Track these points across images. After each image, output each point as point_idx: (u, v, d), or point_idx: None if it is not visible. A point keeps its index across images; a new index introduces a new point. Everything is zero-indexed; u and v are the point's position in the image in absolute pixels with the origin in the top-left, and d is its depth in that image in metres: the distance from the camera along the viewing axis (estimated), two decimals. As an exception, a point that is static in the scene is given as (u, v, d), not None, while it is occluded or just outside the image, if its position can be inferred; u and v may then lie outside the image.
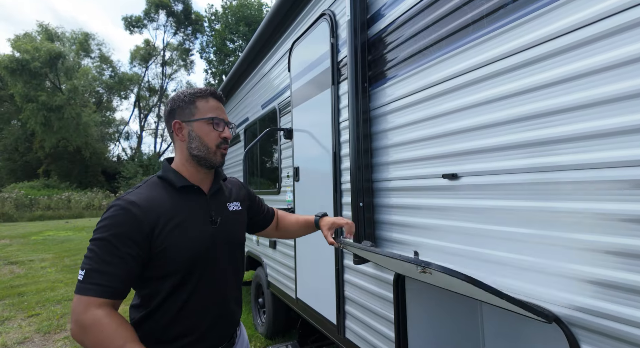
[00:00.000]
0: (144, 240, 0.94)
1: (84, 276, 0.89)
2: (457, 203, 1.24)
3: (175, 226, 0.99)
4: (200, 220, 1.06)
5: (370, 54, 1.74)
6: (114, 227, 0.92)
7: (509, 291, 1.05)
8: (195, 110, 1.06)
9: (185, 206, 1.04)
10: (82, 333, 0.86)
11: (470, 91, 1.19)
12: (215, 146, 1.07)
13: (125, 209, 0.94)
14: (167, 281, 0.99)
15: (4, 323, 4.06)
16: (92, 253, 0.91)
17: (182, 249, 0.99)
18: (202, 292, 1.04)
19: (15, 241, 10.22)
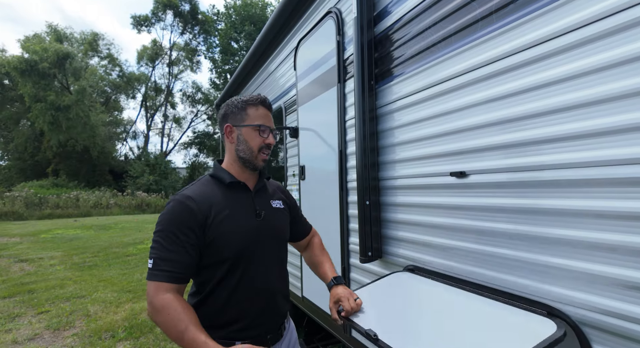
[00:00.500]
0: (199, 229, 1.05)
1: (153, 264, 1.01)
2: (465, 201, 1.23)
3: (224, 217, 1.10)
4: (246, 214, 1.16)
5: (377, 51, 1.73)
6: (173, 219, 1.04)
7: (517, 290, 1.04)
8: (246, 116, 1.17)
9: (233, 200, 1.15)
10: (154, 314, 0.98)
11: (479, 88, 1.18)
12: (258, 150, 1.17)
13: (182, 203, 1.06)
14: (217, 269, 1.09)
15: (15, 319, 4.13)
16: (157, 244, 1.03)
17: (230, 238, 1.09)
18: (249, 282, 1.12)
19: (25, 239, 10.38)
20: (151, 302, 0.99)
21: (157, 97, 31.09)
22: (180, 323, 0.95)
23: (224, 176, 1.17)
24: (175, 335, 0.96)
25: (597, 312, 0.86)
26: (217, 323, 1.09)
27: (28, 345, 3.43)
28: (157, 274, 1.00)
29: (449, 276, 1.29)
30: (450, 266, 1.29)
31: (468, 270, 1.21)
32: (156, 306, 0.98)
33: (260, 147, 1.16)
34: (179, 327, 0.95)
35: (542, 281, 0.98)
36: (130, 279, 5.83)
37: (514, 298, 1.05)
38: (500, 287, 1.10)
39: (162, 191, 22.27)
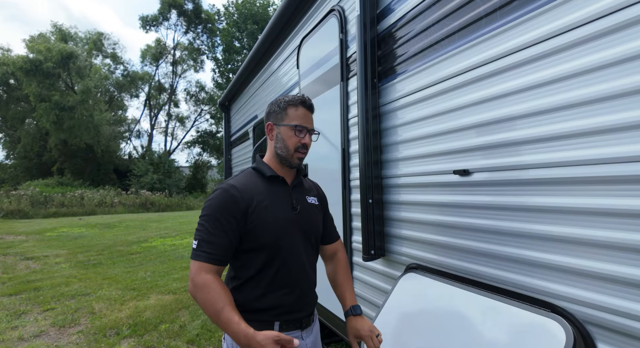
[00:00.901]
0: (242, 216, 1.12)
1: (197, 245, 1.10)
2: (468, 199, 1.22)
3: (264, 207, 1.16)
4: (284, 205, 1.22)
5: (380, 49, 1.72)
6: (218, 205, 1.12)
7: (521, 288, 1.04)
8: (285, 116, 1.22)
9: (272, 192, 1.22)
10: (195, 290, 1.07)
11: (482, 86, 1.17)
12: (294, 150, 1.21)
13: (227, 191, 1.14)
14: (255, 256, 1.16)
15: (21, 316, 4.17)
16: (202, 227, 1.11)
17: (268, 226, 1.15)
18: (286, 271, 1.18)
19: (31, 237, 10.48)
20: (193, 279, 1.07)
21: (160, 96, 31.21)
22: (218, 302, 1.04)
23: (264, 169, 1.24)
24: (212, 312, 1.04)
25: (601, 310, 0.85)
26: (255, 308, 1.14)
27: (34, 341, 3.46)
28: (200, 255, 1.08)
29: (452, 275, 1.29)
30: (453, 265, 1.29)
31: (472, 268, 1.21)
32: (198, 284, 1.06)
33: (296, 146, 1.21)
34: (217, 306, 1.03)
35: (546, 280, 0.98)
36: (135, 277, 5.87)
37: (518, 297, 1.04)
38: (505, 286, 1.10)
39: (166, 190, 22.38)
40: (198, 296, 1.07)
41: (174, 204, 20.38)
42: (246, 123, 4.50)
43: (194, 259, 1.10)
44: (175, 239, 9.75)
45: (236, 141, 5.10)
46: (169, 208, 19.99)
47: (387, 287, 1.66)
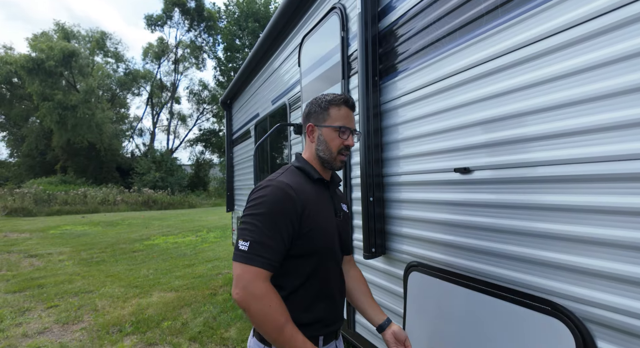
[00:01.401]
0: (297, 219, 1.03)
1: (249, 247, 0.97)
2: (469, 198, 1.22)
3: (316, 211, 1.09)
4: (330, 211, 1.17)
5: (381, 47, 1.72)
6: (274, 204, 1.01)
7: (521, 286, 1.04)
8: (327, 117, 1.16)
9: (320, 196, 1.15)
10: (251, 301, 0.94)
11: (483, 84, 1.17)
12: (337, 152, 1.16)
13: (283, 190, 1.03)
14: (304, 262, 1.07)
15: (25, 313, 4.21)
16: (254, 227, 0.99)
17: (320, 233, 1.08)
18: (333, 280, 1.13)
19: (34, 235, 10.55)
20: (247, 287, 0.94)
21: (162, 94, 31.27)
22: (281, 317, 0.95)
23: (311, 171, 1.16)
24: (272, 327, 0.94)
25: (601, 308, 0.85)
26: (300, 323, 1.03)
27: (38, 338, 3.49)
28: (255, 259, 0.96)
29: (453, 273, 1.29)
30: (454, 263, 1.29)
31: (472, 266, 1.21)
32: (255, 293, 0.94)
33: (339, 149, 1.16)
34: (279, 321, 0.94)
35: (546, 278, 0.98)
36: (137, 275, 5.91)
37: (518, 295, 1.05)
38: (505, 284, 1.10)
39: (168, 188, 22.45)
40: (255, 307, 0.94)
41: (177, 203, 20.45)
42: (248, 121, 4.50)
43: (248, 263, 0.96)
44: (178, 237, 9.78)
45: (238, 140, 5.10)
46: (172, 206, 20.06)
47: (387, 285, 1.66)
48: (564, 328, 0.92)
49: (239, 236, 1.01)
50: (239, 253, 0.98)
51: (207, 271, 6.04)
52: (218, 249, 7.96)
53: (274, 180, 1.07)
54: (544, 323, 0.97)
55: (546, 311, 0.96)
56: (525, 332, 1.02)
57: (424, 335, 1.42)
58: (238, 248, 0.99)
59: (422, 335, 1.43)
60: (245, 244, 0.98)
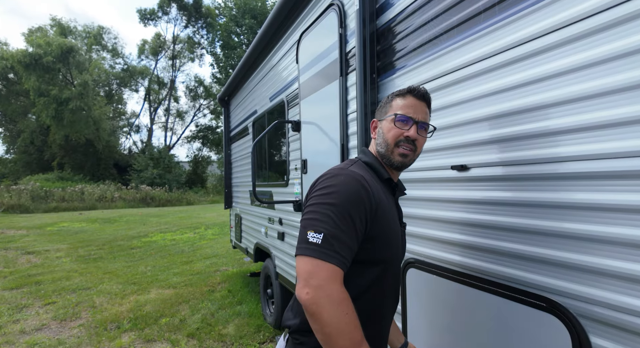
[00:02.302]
0: (370, 217, 0.89)
1: (323, 241, 0.81)
2: (466, 195, 1.23)
3: (385, 215, 0.94)
4: (396, 218, 1.02)
5: (379, 44, 1.72)
6: (350, 196, 0.86)
7: (518, 283, 1.05)
8: (389, 108, 1.04)
9: (386, 198, 0.99)
10: (326, 304, 0.77)
11: (480, 81, 1.17)
12: (394, 144, 1.00)
13: (358, 181, 0.89)
14: (366, 271, 0.92)
15: (22, 310, 4.20)
16: (327, 217, 0.83)
17: (390, 238, 0.95)
18: (390, 295, 0.99)
19: (31, 231, 10.51)
20: (323, 288, 0.77)
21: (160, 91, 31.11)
22: (357, 331, 0.79)
23: (381, 169, 1.02)
24: (347, 342, 0.77)
25: (595, 304, 0.86)
26: None
27: (35, 335, 3.50)
28: (331, 255, 0.80)
29: (450, 270, 1.30)
30: (450, 260, 1.30)
31: (469, 263, 1.22)
32: (334, 297, 0.77)
33: (397, 140, 0.99)
34: (356, 335, 0.78)
35: (542, 275, 0.98)
36: (135, 271, 5.91)
37: (514, 292, 1.05)
38: (501, 281, 1.10)
39: (166, 185, 22.41)
40: (330, 313, 0.76)
41: (174, 199, 20.43)
42: (246, 118, 4.49)
43: (322, 259, 0.79)
44: (176, 234, 9.78)
45: (236, 136, 5.09)
46: (169, 203, 20.04)
47: (384, 282, 1.67)
48: (560, 324, 0.93)
49: (306, 226, 0.84)
50: (310, 247, 0.81)
51: (205, 268, 6.05)
52: (216, 246, 7.97)
53: (345, 169, 0.93)
54: (540, 319, 0.98)
55: (542, 307, 0.97)
56: (522, 327, 1.03)
57: (425, 331, 1.43)
58: (307, 241, 0.82)
59: (423, 331, 1.44)
60: (317, 236, 0.81)
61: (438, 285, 1.34)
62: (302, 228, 0.86)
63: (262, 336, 3.35)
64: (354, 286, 0.88)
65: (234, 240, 5.31)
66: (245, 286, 4.93)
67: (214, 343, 3.26)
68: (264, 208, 3.72)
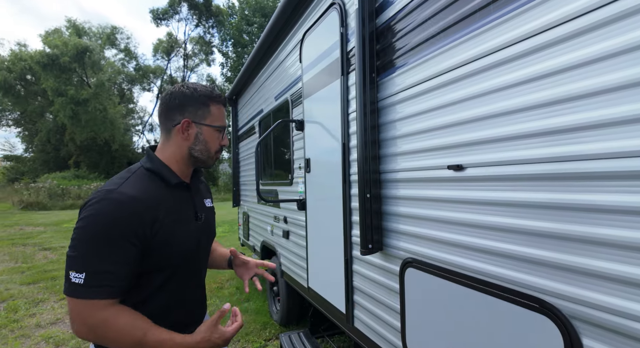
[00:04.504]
0: (145, 234, 0.94)
1: (86, 280, 0.87)
2: (462, 195, 1.22)
3: (171, 221, 1.01)
4: (189, 217, 1.10)
5: (379, 43, 1.71)
6: (114, 223, 0.90)
7: (511, 284, 1.04)
8: (208, 114, 1.07)
9: (177, 202, 1.06)
10: (93, 334, 0.89)
11: (477, 79, 1.16)
12: (215, 152, 1.12)
13: (124, 204, 0.92)
14: (157, 275, 1.01)
15: (38, 304, 4.35)
16: (87, 254, 0.88)
17: (176, 244, 1.02)
18: (186, 285, 1.11)
19: (48, 228, 10.83)
20: (86, 323, 0.88)
21: (172, 90, 31.45)
22: (136, 332, 0.90)
23: (168, 176, 1.05)
24: (130, 343, 0.90)
25: (587, 306, 0.85)
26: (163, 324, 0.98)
27: (50, 328, 3.62)
28: (94, 291, 0.87)
29: (445, 269, 1.29)
30: (445, 259, 1.29)
31: (463, 263, 1.21)
32: (95, 325, 0.88)
33: (217, 149, 1.12)
34: (136, 336, 0.90)
35: (534, 275, 0.98)
36: (146, 268, 6.03)
37: (507, 292, 1.05)
38: (495, 281, 1.10)
39: (178, 183, 22.67)
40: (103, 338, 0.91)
41: (186, 197, 20.68)
42: (253, 117, 4.53)
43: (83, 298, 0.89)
44: (187, 231, 9.93)
45: (243, 135, 5.14)
46: (181, 200, 20.30)
47: (384, 281, 1.67)
48: (552, 325, 0.92)
49: (69, 265, 0.89)
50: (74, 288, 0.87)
51: (214, 265, 6.14)
52: (226, 244, 8.06)
53: (113, 192, 0.93)
54: (533, 320, 0.97)
55: (534, 308, 0.96)
56: (515, 328, 1.03)
57: (422, 330, 1.43)
58: (70, 281, 0.88)
59: (420, 330, 1.44)
60: (79, 276, 0.87)
61: (435, 285, 1.34)
62: (66, 266, 0.91)
63: (267, 333, 3.39)
64: (144, 291, 1.00)
65: (242, 237, 5.38)
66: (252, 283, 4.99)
67: (220, 339, 3.32)
68: (269, 207, 3.76)
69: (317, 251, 2.52)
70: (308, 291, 2.64)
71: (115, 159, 26.86)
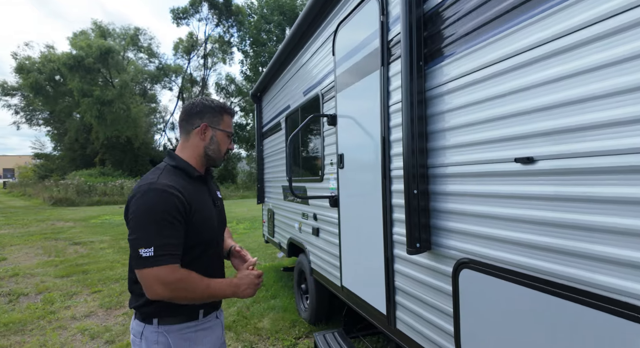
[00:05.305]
0: (186, 214, 1.19)
1: (155, 252, 1.10)
2: (532, 190, 1.11)
3: (198, 207, 1.25)
4: (209, 203, 1.35)
5: (427, 30, 1.62)
6: (165, 206, 1.14)
7: (595, 287, 0.93)
8: (222, 122, 1.36)
9: (200, 191, 1.32)
10: (172, 292, 1.12)
11: (550, 64, 1.05)
12: (224, 153, 1.39)
13: (167, 192, 1.16)
14: (192, 250, 1.24)
15: (72, 297, 4.47)
16: (152, 232, 1.11)
17: (205, 223, 1.27)
18: (212, 257, 1.34)
19: (78, 224, 11.22)
20: (169, 282, 1.11)
21: (192, 89, 32.08)
22: (204, 281, 1.18)
23: (190, 170, 1.30)
24: (201, 293, 1.17)
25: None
26: None
27: (85, 321, 3.70)
28: (164, 259, 1.11)
29: (513, 271, 1.19)
30: (513, 261, 1.19)
31: (536, 264, 1.11)
32: (176, 282, 1.12)
33: (226, 151, 1.39)
34: (203, 284, 1.17)
35: (628, 279, 0.87)
36: (172, 263, 6.13)
37: (593, 298, 0.94)
38: (574, 284, 1.00)
39: (199, 180, 23.07)
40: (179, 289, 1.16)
41: (207, 194, 21.02)
42: (278, 114, 4.49)
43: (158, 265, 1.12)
44: (209, 227, 10.07)
45: (268, 132, 5.11)
46: (202, 197, 20.64)
47: (433, 282, 1.58)
48: None
49: (135, 246, 1.12)
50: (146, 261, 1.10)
51: (238, 261, 6.17)
52: (248, 240, 8.11)
53: (154, 184, 1.17)
54: (630, 331, 0.87)
55: (632, 317, 0.86)
56: (607, 340, 0.92)
57: (481, 336, 1.34)
58: (141, 256, 1.10)
59: (478, 336, 1.35)
60: (148, 250, 1.10)
61: (498, 288, 1.24)
62: (132, 249, 1.13)
63: (297, 331, 3.35)
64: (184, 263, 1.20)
65: (267, 234, 5.36)
66: (279, 280, 4.97)
67: (250, 336, 3.30)
68: (297, 204, 3.71)
69: (351, 249, 2.45)
70: (342, 290, 2.58)
71: (138, 157, 27.59)
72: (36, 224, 11.05)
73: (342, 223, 2.58)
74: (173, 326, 1.22)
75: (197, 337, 1.27)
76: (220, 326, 1.42)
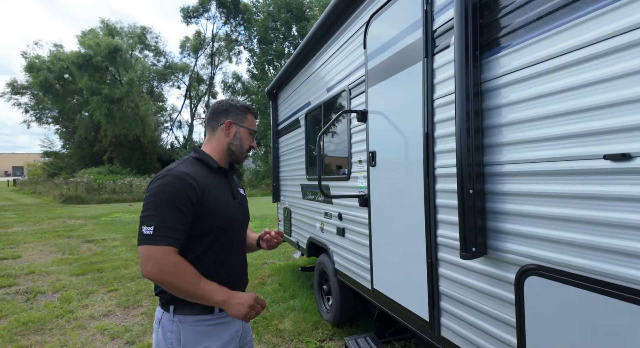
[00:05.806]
0: (197, 202, 1.23)
1: (154, 231, 1.13)
2: (624, 191, 1.00)
3: (214, 195, 1.29)
4: (227, 194, 1.40)
5: (483, 17, 1.50)
6: (174, 191, 1.18)
7: None
8: (245, 120, 1.44)
9: (218, 182, 1.37)
10: (165, 271, 1.11)
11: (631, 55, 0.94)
12: (246, 150, 1.45)
13: (181, 178, 1.21)
14: (204, 238, 1.27)
15: (89, 296, 4.43)
16: (157, 212, 1.15)
17: (217, 213, 1.29)
18: (227, 250, 1.34)
19: (89, 221, 11.24)
20: (160, 262, 1.11)
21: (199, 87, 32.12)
22: (195, 276, 1.16)
23: (211, 162, 1.37)
24: (189, 285, 1.14)
25: None
26: None
27: (104, 320, 3.65)
28: (163, 239, 1.13)
29: (592, 279, 1.08)
30: (594, 267, 1.08)
31: (621, 271, 1.00)
32: (167, 264, 1.12)
33: (248, 148, 1.45)
34: (194, 278, 1.15)
35: None
36: (186, 262, 6.07)
37: None
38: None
39: (206, 178, 23.13)
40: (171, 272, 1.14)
41: (214, 192, 21.02)
42: (297, 111, 4.39)
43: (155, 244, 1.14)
44: (219, 226, 10.02)
45: (284, 130, 5.02)
46: (210, 195, 20.64)
47: (491, 289, 1.47)
48: None
49: (141, 222, 1.16)
50: (144, 238, 1.12)
51: (252, 260, 6.09)
52: (260, 239, 8.03)
53: (173, 170, 1.23)
54: None
55: None
56: None
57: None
58: (142, 233, 1.13)
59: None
60: (148, 229, 1.13)
61: (575, 297, 1.13)
62: (139, 225, 1.17)
63: (321, 333, 3.26)
64: (194, 251, 1.25)
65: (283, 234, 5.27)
66: (296, 280, 4.88)
67: (272, 338, 3.21)
68: (318, 203, 3.61)
69: (384, 251, 2.35)
70: (373, 293, 2.47)
71: (146, 155, 27.69)
72: (48, 221, 11.10)
73: (374, 223, 2.47)
74: (187, 317, 1.24)
75: (212, 330, 1.27)
76: (240, 322, 1.39)
